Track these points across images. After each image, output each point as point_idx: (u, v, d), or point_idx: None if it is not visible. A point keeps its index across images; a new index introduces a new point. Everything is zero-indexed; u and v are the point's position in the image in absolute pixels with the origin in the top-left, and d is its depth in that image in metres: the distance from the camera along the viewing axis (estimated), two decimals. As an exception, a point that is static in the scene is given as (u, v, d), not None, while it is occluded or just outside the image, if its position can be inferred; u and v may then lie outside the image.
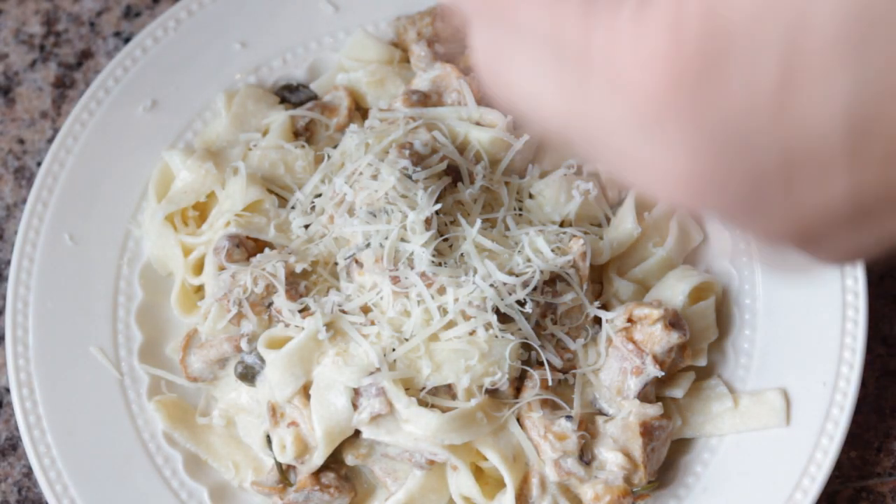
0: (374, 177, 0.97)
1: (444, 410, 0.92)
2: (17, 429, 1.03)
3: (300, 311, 0.96)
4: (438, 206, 0.96)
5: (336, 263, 0.99)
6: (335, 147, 1.07)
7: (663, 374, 0.96)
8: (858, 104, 0.41)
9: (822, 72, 0.41)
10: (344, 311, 0.95)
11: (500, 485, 0.95)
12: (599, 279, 1.03)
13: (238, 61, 1.13)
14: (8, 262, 1.10)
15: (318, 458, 0.95)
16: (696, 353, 1.01)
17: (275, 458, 0.96)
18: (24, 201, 1.08)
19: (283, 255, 0.99)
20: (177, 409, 1.03)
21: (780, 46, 0.41)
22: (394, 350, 0.93)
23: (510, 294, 0.94)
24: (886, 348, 1.08)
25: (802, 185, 0.44)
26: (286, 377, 0.94)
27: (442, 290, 0.93)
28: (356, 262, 0.96)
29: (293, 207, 1.04)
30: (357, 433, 0.96)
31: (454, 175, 1.01)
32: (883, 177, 0.43)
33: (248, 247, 1.02)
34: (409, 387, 0.93)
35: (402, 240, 0.94)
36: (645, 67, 0.42)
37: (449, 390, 0.94)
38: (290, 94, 1.12)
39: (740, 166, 0.43)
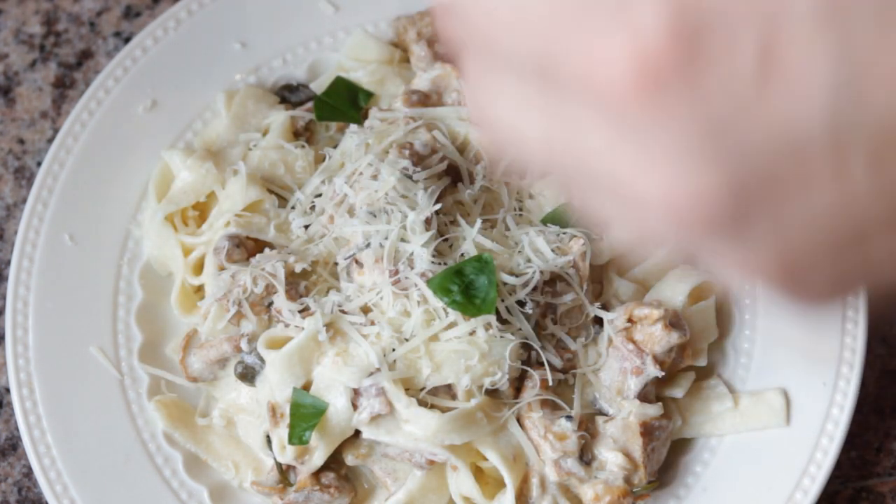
0: (375, 177, 0.97)
1: (444, 410, 0.92)
2: (17, 429, 1.03)
3: (300, 311, 0.96)
4: (438, 206, 0.96)
5: (336, 263, 0.99)
6: (335, 147, 1.07)
7: (663, 374, 0.97)
8: (840, 88, 0.37)
9: (800, 51, 0.37)
10: (344, 312, 0.95)
11: (500, 485, 0.95)
12: (599, 279, 1.03)
13: (238, 61, 1.13)
14: (8, 262, 1.10)
15: (318, 459, 0.95)
16: (696, 353, 1.01)
17: (275, 458, 0.96)
18: (24, 201, 1.08)
19: (283, 255, 0.99)
20: (177, 409, 1.03)
21: (757, 27, 0.37)
22: (394, 350, 0.93)
23: (510, 294, 0.94)
24: (886, 348, 1.08)
25: (786, 196, 0.40)
26: (286, 377, 0.94)
27: (442, 290, 0.93)
28: (356, 262, 0.96)
29: (293, 207, 1.04)
30: (357, 433, 0.96)
31: (454, 175, 1.01)
32: (868, 184, 0.39)
33: (248, 247, 1.02)
34: (409, 387, 0.93)
35: (402, 240, 0.94)
36: (612, 63, 0.39)
37: (449, 390, 0.94)
38: (290, 94, 1.12)
39: (717, 175, 0.40)
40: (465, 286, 0.92)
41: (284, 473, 0.97)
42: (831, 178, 0.39)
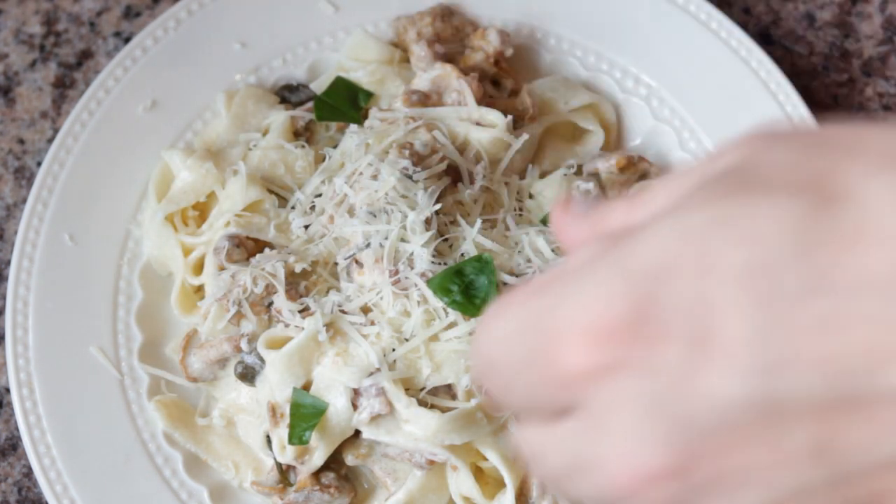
0: (375, 177, 0.97)
1: (444, 410, 0.92)
2: (17, 429, 1.03)
3: (300, 311, 0.96)
4: (438, 206, 0.96)
5: (336, 263, 0.99)
6: (335, 147, 1.07)
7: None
8: (766, 364, 0.40)
9: (729, 330, 0.40)
10: (344, 312, 0.95)
11: (500, 485, 0.95)
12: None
13: (238, 61, 1.13)
14: (8, 262, 1.10)
15: (318, 459, 0.95)
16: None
17: (275, 458, 0.96)
18: (24, 201, 1.08)
19: (283, 255, 0.99)
20: (177, 409, 1.03)
21: (690, 310, 0.41)
22: (394, 350, 0.93)
23: (510, 294, 0.94)
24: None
25: (732, 474, 0.42)
26: (286, 377, 0.94)
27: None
28: (356, 262, 0.96)
29: (293, 207, 1.04)
30: (357, 433, 0.96)
31: (454, 175, 1.01)
32: (812, 469, 0.41)
33: (248, 247, 1.02)
34: (409, 387, 0.93)
35: (402, 240, 0.94)
36: (572, 343, 0.43)
37: (449, 390, 0.94)
38: (290, 94, 1.12)
39: (665, 453, 0.42)
40: (465, 286, 0.92)
41: (284, 473, 0.97)
42: (774, 458, 0.41)
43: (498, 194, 1.02)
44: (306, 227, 1.02)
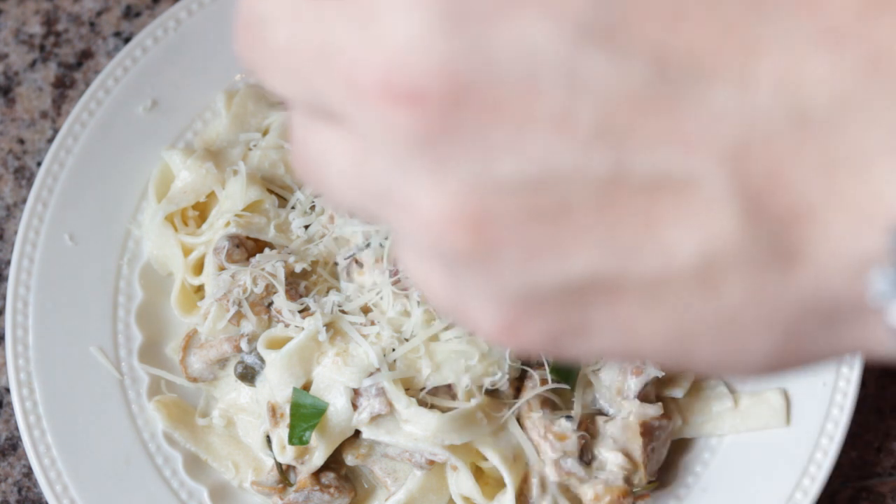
0: (374, 177, 0.97)
1: (444, 410, 0.92)
2: (17, 429, 1.03)
3: (300, 312, 0.96)
4: (438, 206, 0.96)
5: (336, 263, 0.99)
6: (335, 147, 1.07)
7: (663, 374, 0.97)
8: (598, 16, 0.33)
9: None
10: (344, 312, 0.95)
11: (500, 485, 0.95)
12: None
13: (238, 61, 1.13)
14: (8, 262, 1.10)
15: (318, 459, 0.95)
16: (696, 354, 1.01)
17: (275, 458, 0.97)
18: (24, 201, 1.08)
19: (283, 255, 0.99)
20: (177, 409, 1.03)
21: None
22: (394, 350, 0.93)
23: (510, 294, 0.94)
24: (886, 348, 1.08)
25: (502, 121, 0.34)
26: (286, 377, 0.94)
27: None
28: (356, 262, 0.96)
29: (293, 207, 1.04)
30: (357, 433, 0.96)
31: (454, 175, 1.01)
32: (592, 150, 0.33)
33: (248, 247, 1.02)
34: (409, 387, 0.93)
35: (402, 240, 0.94)
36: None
37: (449, 390, 0.94)
38: (290, 94, 1.12)
39: (441, 51, 0.34)
40: (465, 286, 0.92)
41: (284, 473, 0.97)
42: (553, 122, 0.33)
43: (498, 194, 1.02)
44: (306, 227, 1.02)
